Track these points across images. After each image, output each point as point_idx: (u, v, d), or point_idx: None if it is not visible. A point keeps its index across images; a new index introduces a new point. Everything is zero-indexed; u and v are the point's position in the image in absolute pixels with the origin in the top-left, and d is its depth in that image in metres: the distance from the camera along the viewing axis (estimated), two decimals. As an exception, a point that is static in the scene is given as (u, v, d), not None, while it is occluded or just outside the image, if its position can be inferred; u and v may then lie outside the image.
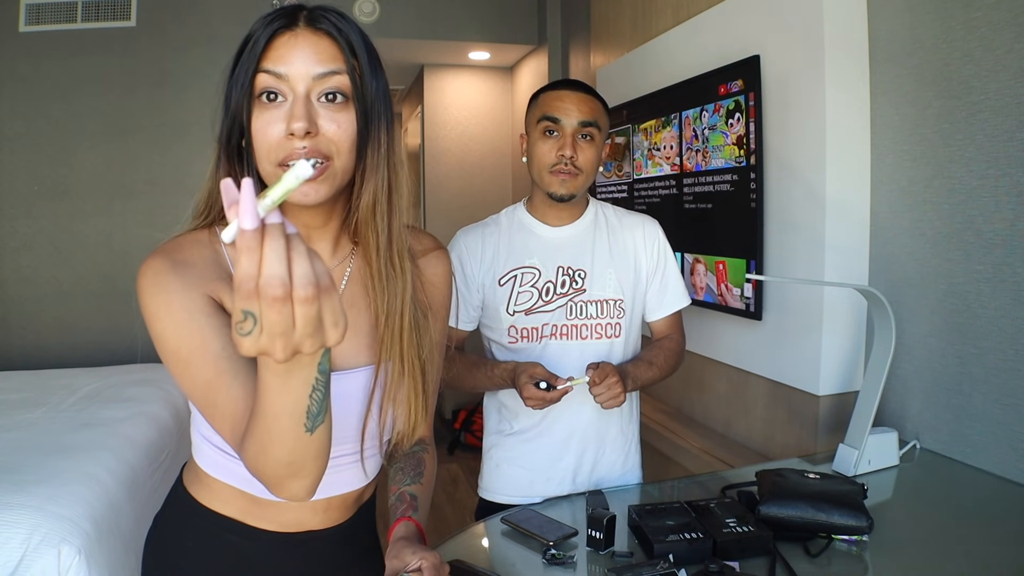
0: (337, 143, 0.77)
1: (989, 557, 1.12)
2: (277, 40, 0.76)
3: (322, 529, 0.94)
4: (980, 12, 1.42)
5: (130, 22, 3.51)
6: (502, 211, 1.53)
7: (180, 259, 0.78)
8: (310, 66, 0.75)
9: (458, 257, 1.46)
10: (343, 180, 0.80)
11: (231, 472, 0.90)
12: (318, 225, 0.86)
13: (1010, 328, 1.39)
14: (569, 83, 1.46)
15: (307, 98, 0.75)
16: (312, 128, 0.74)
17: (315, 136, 0.75)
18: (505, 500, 1.46)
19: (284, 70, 0.75)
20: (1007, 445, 1.40)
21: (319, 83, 0.76)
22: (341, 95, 0.77)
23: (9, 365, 3.39)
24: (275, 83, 0.75)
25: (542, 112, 1.42)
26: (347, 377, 0.88)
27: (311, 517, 0.93)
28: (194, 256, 0.80)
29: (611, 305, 1.46)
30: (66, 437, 2.18)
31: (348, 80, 0.77)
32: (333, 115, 0.77)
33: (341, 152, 0.78)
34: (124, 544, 1.90)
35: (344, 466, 0.92)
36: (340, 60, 0.77)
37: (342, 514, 0.96)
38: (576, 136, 1.39)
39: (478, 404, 4.25)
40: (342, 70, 0.77)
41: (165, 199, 3.61)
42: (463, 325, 1.46)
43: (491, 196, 4.68)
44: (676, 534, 1.11)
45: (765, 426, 1.97)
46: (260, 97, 0.76)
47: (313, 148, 0.75)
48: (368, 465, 0.96)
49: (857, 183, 1.72)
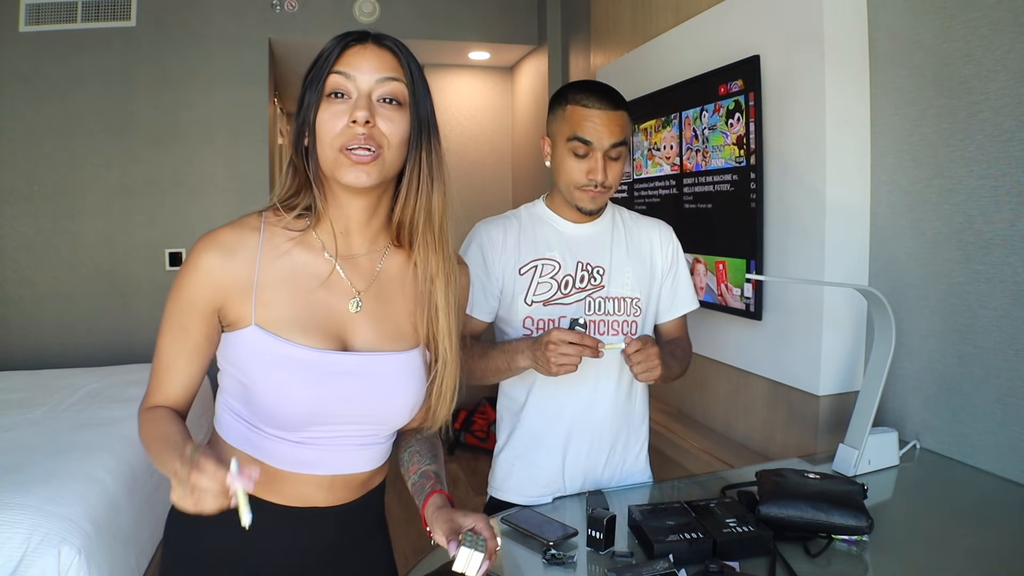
0: (389, 137, 0.91)
1: (989, 557, 1.12)
2: (348, 51, 0.91)
3: (328, 507, 0.98)
4: (980, 12, 1.42)
5: (130, 22, 3.51)
6: (521, 207, 1.53)
7: (226, 246, 0.92)
8: (374, 72, 0.91)
9: (479, 246, 1.45)
10: (390, 172, 0.93)
11: (249, 441, 0.95)
12: (362, 219, 0.97)
13: (1010, 328, 1.39)
14: (600, 96, 1.38)
15: (369, 97, 0.90)
16: (372, 119, 0.88)
17: (372, 127, 0.89)
18: (519, 500, 1.46)
19: (353, 72, 0.90)
20: (1007, 445, 1.40)
21: (380, 86, 0.91)
22: (397, 100, 0.92)
23: (9, 365, 3.39)
24: (344, 83, 0.90)
25: (572, 131, 1.37)
26: (377, 359, 0.96)
27: (315, 493, 0.97)
28: (238, 243, 0.93)
29: (629, 303, 1.47)
30: (66, 437, 2.18)
31: (405, 88, 0.92)
32: (389, 114, 0.91)
33: (392, 145, 0.91)
34: (124, 544, 1.90)
35: (353, 448, 0.98)
36: (399, 72, 0.92)
37: (348, 494, 1.00)
38: (607, 157, 1.38)
39: (478, 404, 4.25)
40: (400, 79, 0.92)
41: (165, 199, 3.62)
42: (482, 316, 1.45)
43: (491, 196, 4.68)
44: (676, 534, 1.11)
45: (765, 426, 1.97)
46: (329, 95, 0.90)
47: (369, 136, 0.89)
48: (377, 450, 1.01)
49: (857, 183, 1.72)
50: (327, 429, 0.94)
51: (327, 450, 0.95)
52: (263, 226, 0.95)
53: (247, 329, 0.91)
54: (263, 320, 0.91)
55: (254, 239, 0.93)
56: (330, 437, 0.95)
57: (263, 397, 0.91)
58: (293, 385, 0.90)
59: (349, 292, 0.96)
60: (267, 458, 0.94)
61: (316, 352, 0.91)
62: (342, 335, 0.95)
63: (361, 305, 0.96)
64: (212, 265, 0.91)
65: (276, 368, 0.90)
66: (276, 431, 0.93)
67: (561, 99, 1.43)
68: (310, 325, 0.92)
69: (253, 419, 0.94)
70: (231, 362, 0.94)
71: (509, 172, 4.78)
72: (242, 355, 0.92)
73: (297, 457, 0.95)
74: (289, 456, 0.94)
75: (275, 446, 0.94)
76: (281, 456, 0.94)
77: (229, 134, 3.66)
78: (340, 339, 0.94)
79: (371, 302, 0.97)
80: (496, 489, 1.52)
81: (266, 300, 0.91)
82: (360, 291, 0.97)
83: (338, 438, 0.96)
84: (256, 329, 0.90)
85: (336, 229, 0.96)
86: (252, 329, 0.91)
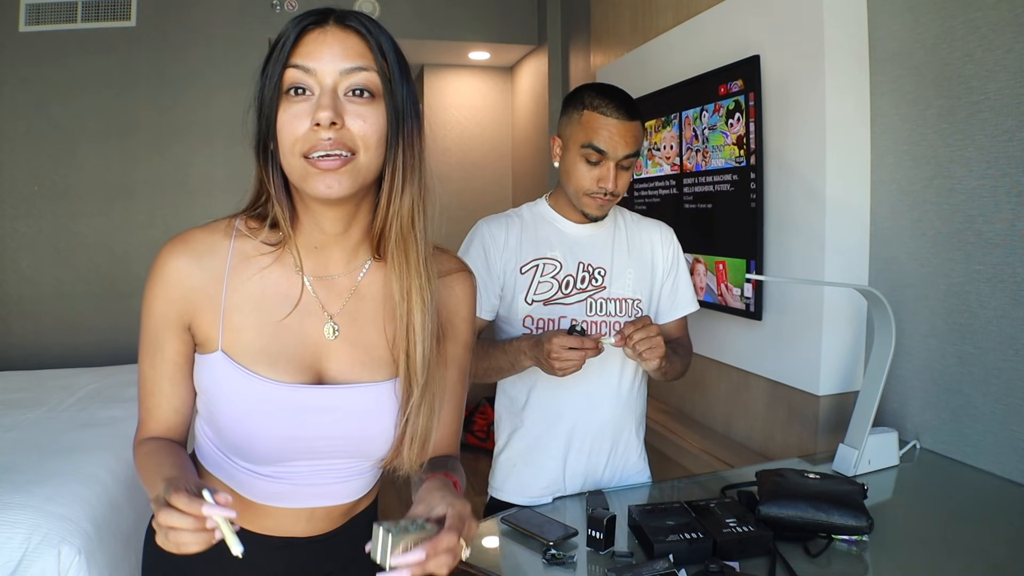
0: (364, 138, 0.76)
1: (989, 557, 1.12)
2: (306, 37, 0.77)
3: (308, 537, 0.92)
4: (980, 12, 1.42)
5: (130, 22, 3.51)
6: (522, 205, 1.53)
7: (196, 251, 0.83)
8: (338, 61, 0.76)
9: (481, 243, 1.45)
10: (367, 177, 0.79)
11: (222, 470, 0.89)
12: (338, 231, 0.84)
13: (1010, 328, 1.39)
14: (618, 104, 1.36)
15: (334, 92, 0.76)
16: (338, 120, 0.74)
17: (340, 128, 0.75)
18: (520, 500, 1.46)
19: (312, 65, 0.76)
20: (1007, 445, 1.40)
21: (346, 78, 0.76)
22: (368, 92, 0.77)
23: (9, 365, 3.39)
24: (303, 77, 0.76)
25: (588, 138, 1.36)
26: (353, 392, 0.85)
27: (293, 525, 0.90)
28: (207, 249, 0.84)
29: (629, 304, 1.47)
30: (66, 437, 2.18)
31: (377, 77, 0.77)
32: (360, 110, 0.76)
33: (368, 147, 0.77)
34: (124, 544, 1.90)
35: (330, 483, 0.89)
36: (368, 58, 0.77)
37: (328, 524, 0.93)
38: (618, 167, 1.38)
39: (478, 404, 4.25)
40: (370, 67, 0.77)
41: (165, 199, 3.61)
42: (483, 314, 1.45)
43: (491, 196, 4.68)
44: (676, 534, 1.11)
45: (765, 426, 1.97)
46: (288, 92, 0.77)
47: (338, 140, 0.75)
48: (359, 482, 0.92)
49: (857, 183, 1.72)
50: (301, 465, 0.86)
51: (302, 485, 0.87)
52: (234, 235, 0.84)
53: (214, 355, 0.82)
54: (230, 347, 0.82)
55: (224, 247, 0.83)
56: (305, 472, 0.87)
57: (229, 428, 0.83)
58: (260, 421, 0.82)
59: (324, 317, 0.85)
60: (240, 489, 0.88)
61: (286, 387, 0.82)
62: (316, 365, 0.85)
63: (338, 332, 0.85)
64: (182, 273, 0.82)
65: (242, 401, 0.81)
66: (246, 464, 0.86)
67: (578, 102, 1.40)
68: (280, 357, 0.82)
69: (224, 448, 0.87)
70: (201, 388, 0.86)
71: (509, 172, 4.78)
72: (208, 381, 0.84)
73: (270, 491, 0.87)
74: (262, 490, 0.87)
75: (246, 479, 0.87)
76: (254, 489, 0.87)
77: (229, 134, 3.65)
78: (313, 370, 0.84)
79: (347, 325, 0.86)
80: (496, 490, 1.52)
81: (234, 324, 0.82)
82: (333, 315, 0.86)
83: (314, 473, 0.87)
84: (222, 356, 0.82)
85: (310, 244, 0.85)
86: (218, 356, 0.82)
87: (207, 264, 0.83)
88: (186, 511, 0.64)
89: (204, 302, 0.83)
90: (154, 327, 0.84)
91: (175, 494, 0.65)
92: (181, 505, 0.64)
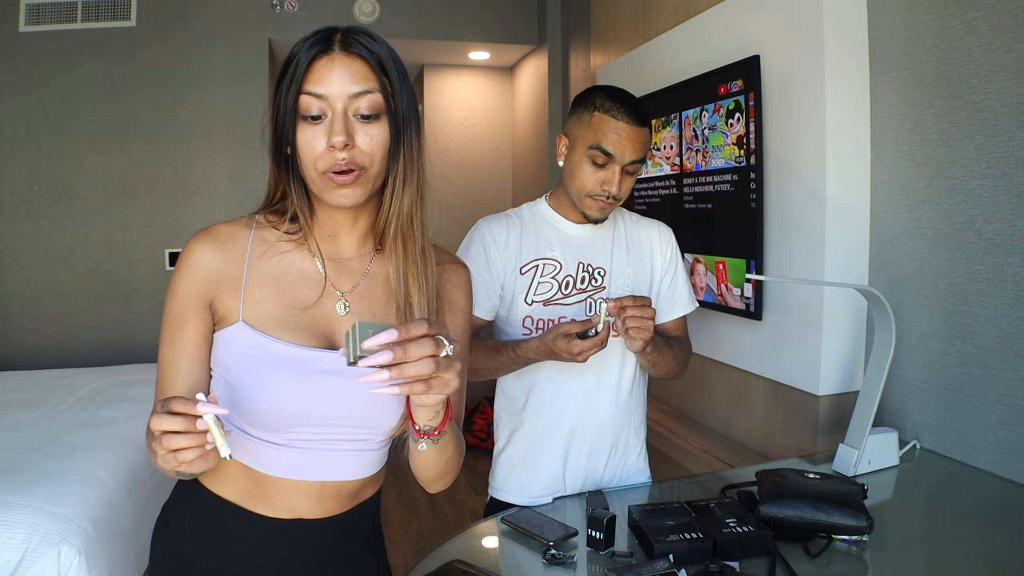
0: (371, 154, 0.88)
1: (989, 557, 1.12)
2: (316, 64, 0.88)
3: (316, 519, 0.97)
4: (980, 12, 1.42)
5: (130, 22, 3.51)
6: (522, 205, 1.53)
7: (219, 239, 0.94)
8: (346, 86, 0.87)
9: (482, 243, 1.45)
10: (376, 185, 0.91)
11: (236, 445, 0.93)
12: (348, 224, 0.96)
13: (1010, 328, 1.39)
14: (629, 109, 1.37)
15: (344, 114, 0.87)
16: (350, 141, 0.86)
17: (352, 148, 0.87)
18: (520, 501, 1.46)
19: (324, 91, 0.87)
20: (1007, 445, 1.40)
21: (354, 101, 0.87)
22: (374, 113, 0.88)
23: (9, 365, 3.39)
24: (316, 103, 0.87)
25: (596, 140, 1.36)
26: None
27: (303, 503, 0.95)
28: (229, 237, 0.94)
29: None
30: (66, 437, 2.18)
31: (380, 97, 0.88)
32: (367, 129, 0.88)
33: (375, 162, 0.89)
34: (124, 544, 1.90)
35: (341, 452, 0.95)
36: (372, 80, 0.88)
37: (337, 505, 0.98)
38: (624, 171, 1.38)
39: (478, 404, 4.25)
40: (374, 89, 0.88)
41: (165, 199, 3.62)
42: (483, 314, 1.45)
43: (491, 196, 4.69)
44: (676, 534, 1.11)
45: (765, 426, 1.97)
46: (304, 117, 0.88)
47: (350, 159, 0.87)
48: (368, 457, 0.98)
49: (857, 183, 1.72)
50: (314, 431, 0.93)
51: (314, 454, 0.94)
52: (254, 226, 0.96)
53: (235, 326, 0.91)
54: (250, 317, 0.91)
55: (245, 235, 0.95)
56: (317, 440, 0.93)
57: (249, 395, 0.90)
58: (279, 382, 0.90)
59: (336, 295, 0.96)
60: (254, 463, 0.94)
61: (302, 349, 0.91)
62: (329, 335, 0.94)
63: (349, 308, 0.96)
64: (205, 257, 0.92)
65: (262, 365, 0.90)
66: (261, 432, 0.93)
67: (589, 103, 1.40)
68: (297, 324, 0.92)
69: (239, 422, 0.93)
70: (219, 363, 0.93)
71: (509, 172, 4.78)
72: (229, 353, 0.91)
73: (284, 460, 0.93)
74: (275, 460, 0.93)
75: (261, 449, 0.93)
76: (267, 460, 0.93)
77: (229, 134, 3.66)
78: (327, 339, 0.94)
79: (357, 302, 0.97)
80: (496, 490, 1.52)
81: (254, 298, 0.92)
82: (345, 292, 0.96)
83: (326, 441, 0.94)
84: (243, 326, 0.91)
85: (324, 232, 0.96)
86: (239, 326, 0.91)
87: (229, 249, 0.93)
88: (182, 410, 0.71)
89: (227, 279, 0.92)
90: (177, 309, 0.92)
91: (172, 401, 0.72)
92: (178, 406, 0.72)
